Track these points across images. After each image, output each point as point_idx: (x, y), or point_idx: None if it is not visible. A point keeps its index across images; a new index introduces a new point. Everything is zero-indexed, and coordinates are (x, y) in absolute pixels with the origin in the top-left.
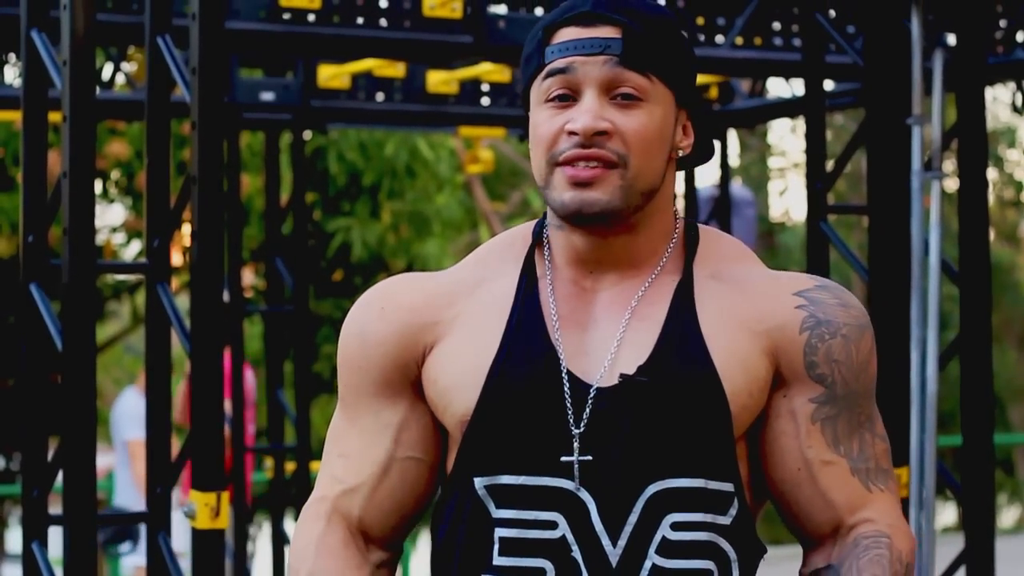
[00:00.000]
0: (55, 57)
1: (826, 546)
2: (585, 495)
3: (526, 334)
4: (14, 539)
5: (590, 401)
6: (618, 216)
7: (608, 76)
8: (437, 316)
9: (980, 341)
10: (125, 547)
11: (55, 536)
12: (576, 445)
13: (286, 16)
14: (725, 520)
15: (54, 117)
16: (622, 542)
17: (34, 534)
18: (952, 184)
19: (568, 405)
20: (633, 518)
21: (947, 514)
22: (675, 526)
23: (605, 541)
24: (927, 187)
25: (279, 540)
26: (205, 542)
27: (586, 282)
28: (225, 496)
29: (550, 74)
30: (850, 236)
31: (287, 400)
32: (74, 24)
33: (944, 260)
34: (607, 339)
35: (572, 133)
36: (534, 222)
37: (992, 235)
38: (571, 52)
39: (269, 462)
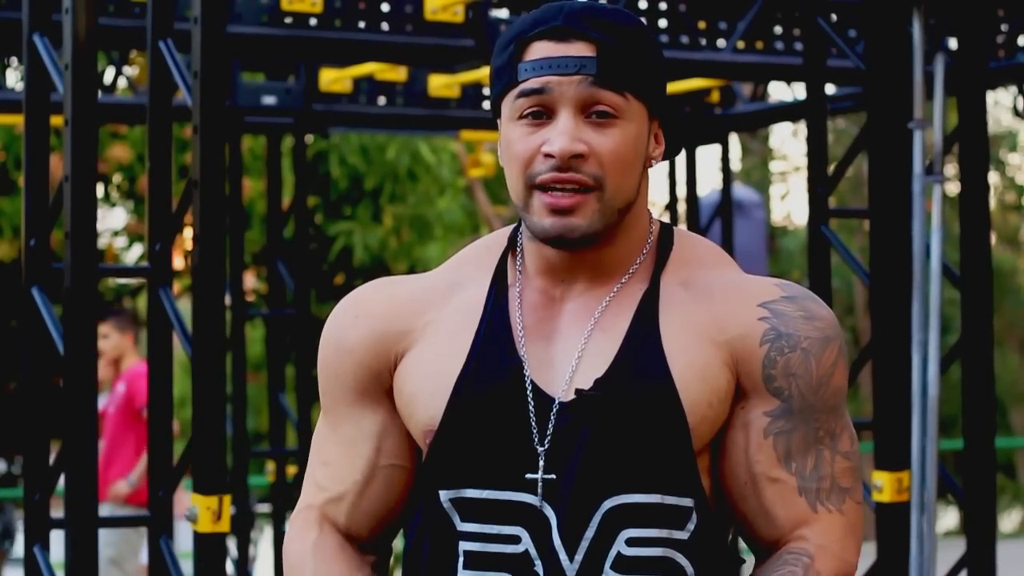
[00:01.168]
0: (57, 61)
1: (766, 558)
2: (548, 510)
3: (493, 345)
4: (17, 543)
5: (553, 415)
6: (598, 237)
7: (583, 96)
8: (409, 324)
9: (981, 345)
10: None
11: (57, 540)
12: (541, 462)
13: (288, 20)
14: (682, 535)
15: (56, 121)
16: (578, 557)
17: (36, 537)
18: (953, 188)
19: (532, 420)
20: (589, 533)
21: (948, 518)
22: (630, 541)
23: (563, 556)
24: (928, 191)
25: (281, 543)
26: (207, 545)
27: (555, 291)
28: (227, 499)
29: (524, 93)
30: (851, 240)
31: (289, 403)
32: (76, 28)
33: (945, 264)
34: (570, 351)
35: (548, 155)
36: (511, 228)
37: (993, 239)
38: (545, 71)
39: (271, 465)
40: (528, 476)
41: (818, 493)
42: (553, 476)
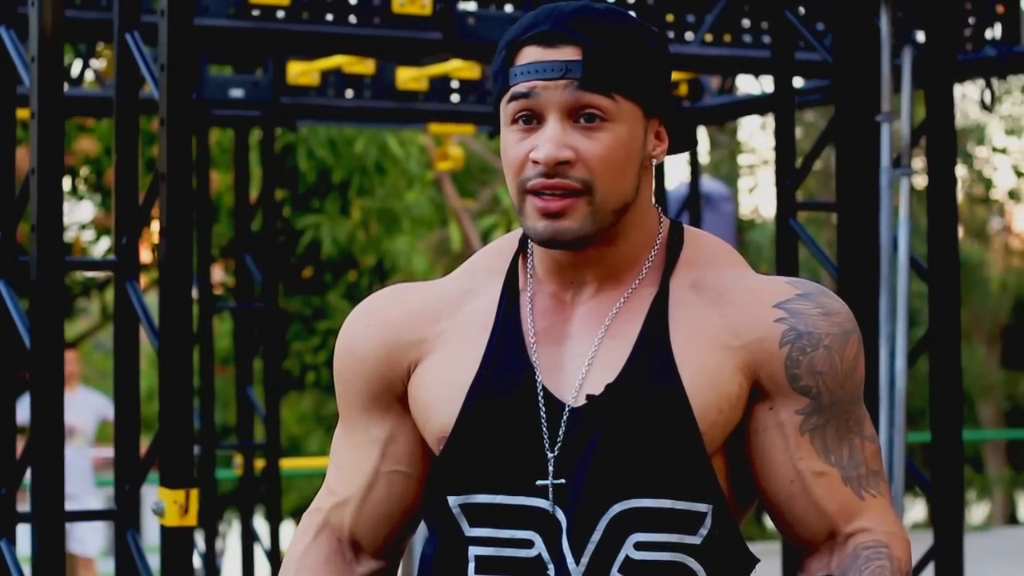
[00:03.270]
0: (23, 53)
1: (823, 553)
2: (560, 515)
3: (505, 352)
4: None
5: (564, 421)
6: (592, 239)
7: (570, 100)
8: (422, 333)
9: (949, 338)
10: None
11: (23, 534)
12: (551, 468)
13: (255, 13)
14: (694, 539)
15: (22, 114)
16: (584, 560)
17: (2, 532)
18: (921, 181)
19: (543, 425)
20: (596, 536)
21: (916, 511)
22: (639, 545)
23: (569, 559)
24: (896, 184)
25: (248, 537)
26: (174, 540)
27: (566, 295)
28: (194, 493)
29: (513, 97)
30: (819, 233)
31: (256, 397)
32: (42, 20)
33: (913, 257)
34: (581, 356)
35: (536, 162)
36: (521, 230)
37: (961, 232)
38: (532, 76)
39: (239, 459)
40: (539, 482)
41: (859, 480)
42: (563, 481)
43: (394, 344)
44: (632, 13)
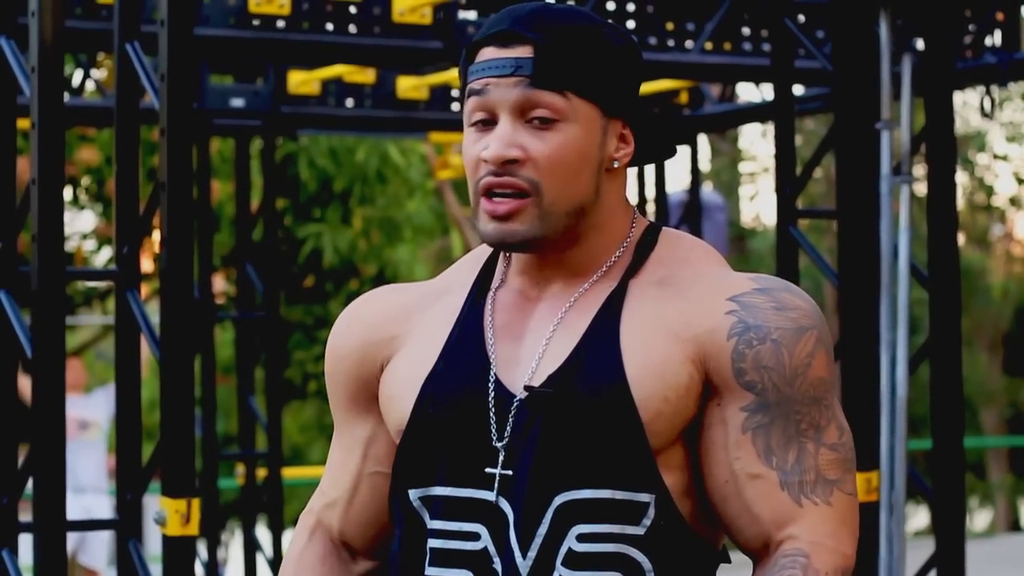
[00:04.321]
0: (24, 64)
1: (760, 563)
2: (505, 506)
3: (463, 345)
4: None
5: (512, 412)
6: (544, 241)
7: (520, 98)
8: (395, 330)
9: (950, 345)
10: None
11: (25, 543)
12: (501, 457)
13: (256, 22)
14: (637, 530)
15: (23, 124)
16: (531, 553)
17: (4, 542)
18: (921, 188)
19: (492, 417)
20: (542, 529)
21: (918, 518)
22: (581, 537)
23: (517, 553)
24: (896, 191)
25: (251, 546)
26: (176, 549)
27: (532, 291)
28: (196, 503)
29: (470, 94)
30: (820, 240)
31: (258, 406)
32: (42, 31)
33: (914, 264)
34: (535, 349)
35: (485, 161)
36: None
37: (962, 239)
38: (485, 73)
39: (240, 468)
40: (487, 471)
41: (801, 486)
42: (510, 472)
43: (368, 343)
44: (609, 20)
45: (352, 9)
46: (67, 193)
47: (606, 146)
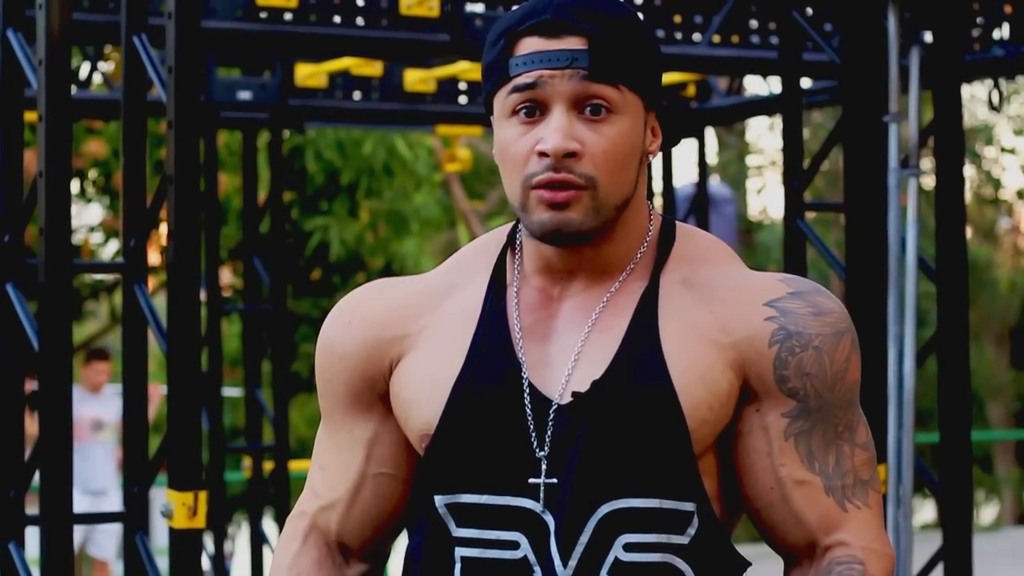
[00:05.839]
0: (31, 56)
1: (802, 565)
2: (547, 516)
3: (490, 347)
4: None
5: (551, 419)
6: (592, 234)
7: (577, 90)
8: (404, 328)
9: (957, 338)
10: None
11: (32, 536)
12: (544, 466)
13: (263, 15)
14: (682, 539)
15: (30, 116)
16: (572, 563)
17: (11, 535)
18: (929, 181)
19: (531, 423)
20: (584, 539)
21: (925, 511)
22: (628, 547)
23: (557, 562)
24: (904, 184)
25: (257, 539)
26: (183, 542)
27: (554, 290)
28: (203, 495)
29: (516, 89)
30: (827, 234)
31: (265, 399)
32: (50, 23)
33: (921, 257)
34: (568, 352)
35: (543, 154)
36: (510, 225)
37: (969, 232)
38: (537, 66)
39: (247, 461)
40: (531, 481)
41: (843, 491)
42: (555, 480)
43: (376, 341)
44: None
45: (359, 2)
46: (74, 186)
47: (645, 139)
